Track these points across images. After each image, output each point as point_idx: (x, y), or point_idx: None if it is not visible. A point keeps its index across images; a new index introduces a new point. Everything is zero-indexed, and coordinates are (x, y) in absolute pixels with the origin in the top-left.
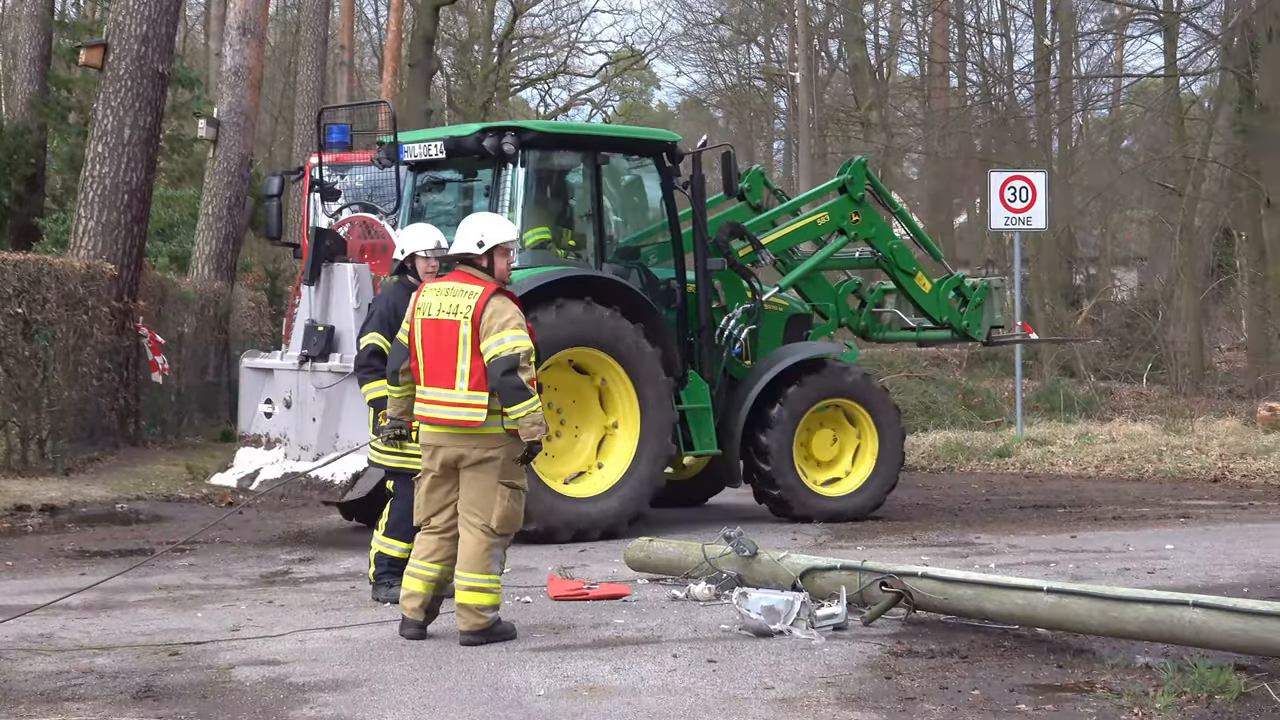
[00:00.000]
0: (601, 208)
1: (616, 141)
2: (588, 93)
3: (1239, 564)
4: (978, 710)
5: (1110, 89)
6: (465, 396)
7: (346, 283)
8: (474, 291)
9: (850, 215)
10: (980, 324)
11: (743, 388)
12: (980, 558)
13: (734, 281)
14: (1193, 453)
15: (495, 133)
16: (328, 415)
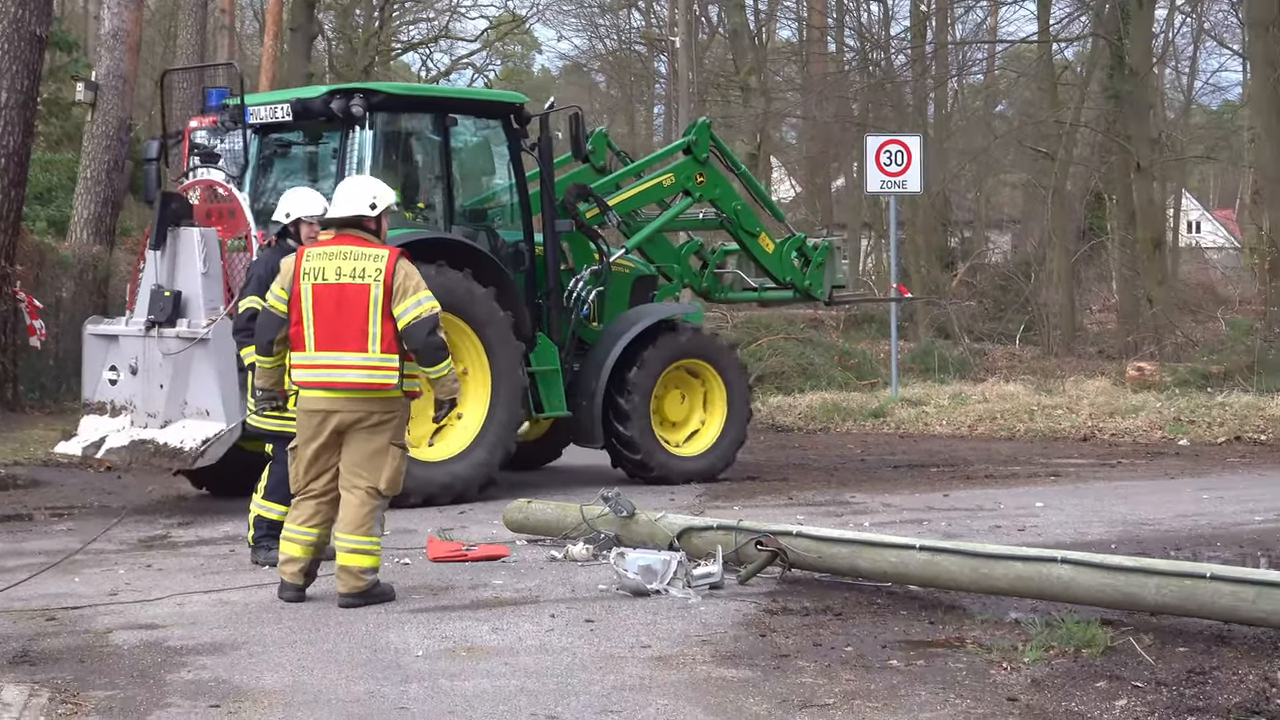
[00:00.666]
0: (450, 170)
1: (464, 103)
2: (469, 57)
3: (1107, 521)
4: (850, 666)
5: (985, 54)
6: (379, 359)
7: (193, 247)
8: (379, 255)
9: (695, 177)
10: (822, 283)
11: (600, 348)
12: (855, 516)
13: (581, 244)
14: (1063, 412)
15: (343, 95)
16: (175, 382)
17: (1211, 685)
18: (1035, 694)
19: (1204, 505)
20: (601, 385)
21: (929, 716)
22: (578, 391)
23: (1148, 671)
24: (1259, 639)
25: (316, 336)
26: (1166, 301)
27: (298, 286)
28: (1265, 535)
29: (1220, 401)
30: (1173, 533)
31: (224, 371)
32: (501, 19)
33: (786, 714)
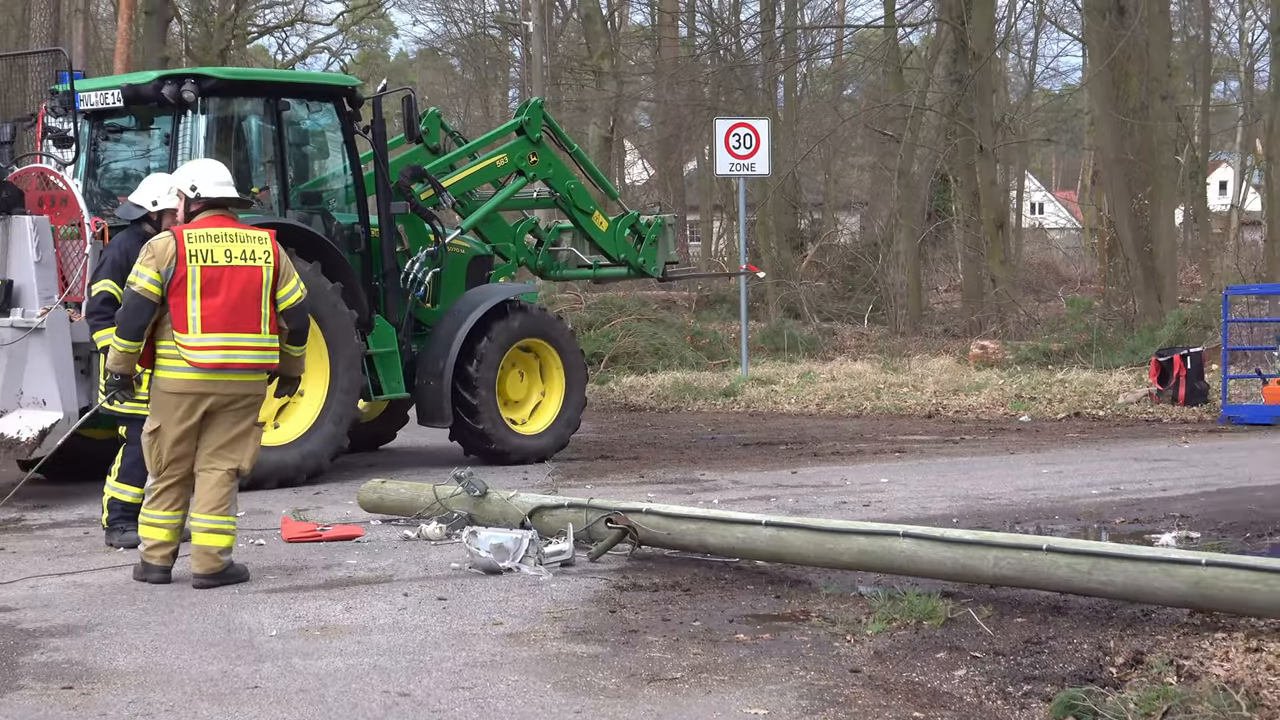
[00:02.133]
0: (284, 154)
1: (298, 87)
2: (325, 41)
3: (949, 496)
4: (698, 641)
5: (833, 39)
6: (268, 340)
7: (26, 235)
8: (261, 237)
9: (528, 156)
10: (655, 260)
11: (445, 328)
12: (705, 494)
13: (416, 225)
14: (909, 390)
15: (174, 80)
16: (10, 372)
17: (1047, 655)
18: (877, 665)
19: (1043, 480)
20: (450, 364)
21: (774, 689)
22: (423, 371)
23: (986, 642)
24: (1094, 609)
25: (206, 318)
26: (1009, 281)
27: (183, 269)
28: (1102, 508)
29: (1060, 378)
30: (1013, 506)
31: (60, 360)
32: (357, 3)
33: (635, 688)
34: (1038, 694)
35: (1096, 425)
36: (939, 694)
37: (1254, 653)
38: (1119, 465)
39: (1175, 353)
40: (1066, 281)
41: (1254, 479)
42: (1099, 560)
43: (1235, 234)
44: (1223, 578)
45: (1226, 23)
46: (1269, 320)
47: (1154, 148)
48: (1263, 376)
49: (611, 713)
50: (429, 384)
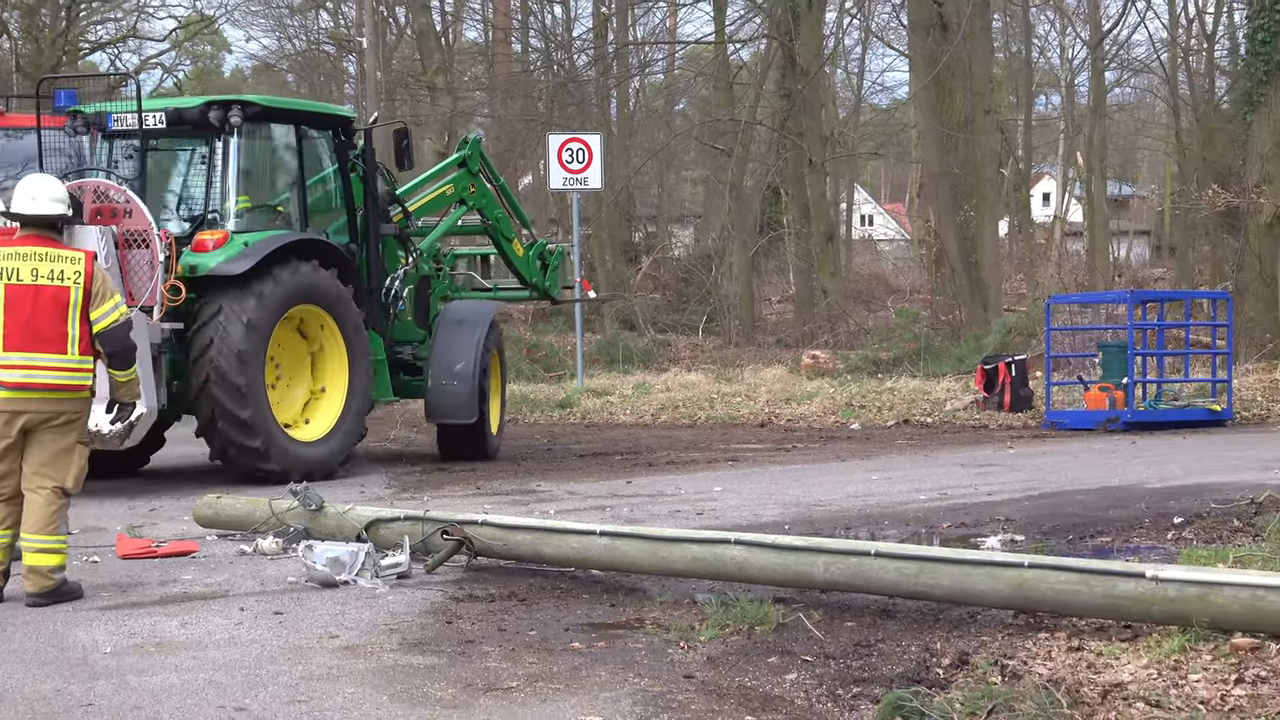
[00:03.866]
0: (305, 176)
1: (313, 116)
2: (158, 57)
3: (781, 503)
4: (534, 650)
5: (664, 55)
6: (77, 361)
7: (94, 244)
8: (76, 257)
9: (469, 187)
10: (557, 284)
11: (450, 335)
12: (540, 504)
13: (391, 246)
14: (742, 399)
15: (221, 106)
16: None
17: (876, 657)
18: (711, 671)
19: (873, 486)
20: (475, 366)
21: (609, 696)
22: (439, 374)
23: (817, 646)
24: (921, 612)
25: (7, 336)
26: (839, 292)
27: None
28: (929, 513)
29: (889, 386)
30: (843, 513)
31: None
32: (190, 20)
33: (471, 698)
34: (866, 696)
35: (925, 432)
36: (770, 698)
37: (1075, 652)
38: (946, 471)
39: (1000, 360)
40: (896, 292)
41: (1076, 483)
42: (926, 564)
43: (1058, 244)
44: (1045, 579)
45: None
46: (1090, 328)
47: (978, 161)
48: (1084, 383)
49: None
50: (450, 384)
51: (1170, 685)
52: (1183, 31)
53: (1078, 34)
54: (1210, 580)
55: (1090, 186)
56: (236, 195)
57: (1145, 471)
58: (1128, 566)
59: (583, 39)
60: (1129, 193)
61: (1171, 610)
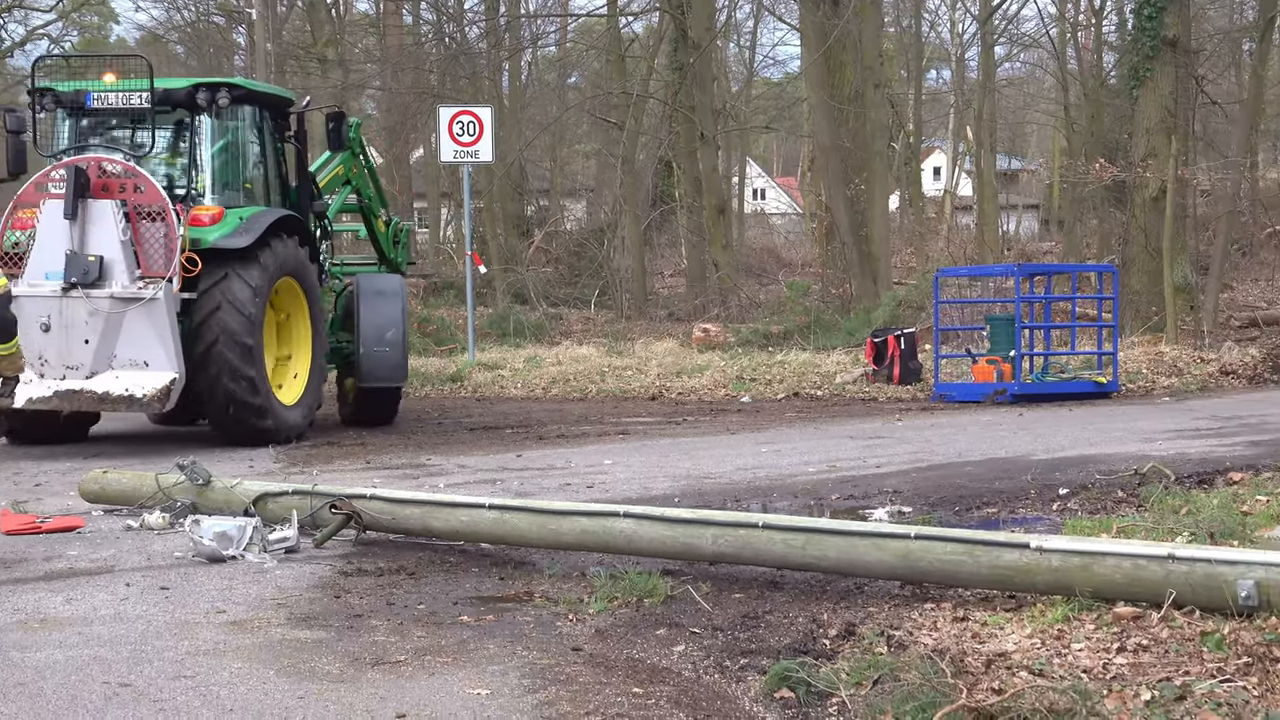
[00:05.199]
0: (276, 156)
1: (273, 98)
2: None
3: (671, 476)
4: (422, 623)
5: (556, 27)
6: None
7: (110, 216)
8: None
9: (354, 169)
10: (404, 259)
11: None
12: (430, 478)
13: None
14: (633, 373)
15: (209, 88)
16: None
17: (764, 629)
18: (599, 643)
19: (763, 458)
20: (403, 330)
21: (497, 669)
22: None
23: (705, 618)
24: (808, 583)
25: None
26: (731, 265)
27: None
28: (818, 485)
29: (780, 360)
30: (733, 485)
31: (170, 327)
32: None
33: (359, 672)
34: (754, 667)
35: (815, 405)
36: (658, 669)
37: (960, 622)
38: (836, 443)
39: (890, 333)
40: (787, 265)
41: (964, 455)
42: (813, 536)
43: (948, 218)
44: (931, 550)
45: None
46: (978, 301)
47: (868, 134)
48: (972, 355)
49: (335, 697)
50: (382, 350)
51: (1053, 654)
52: (1071, 7)
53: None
54: (1093, 550)
55: (980, 160)
56: (223, 173)
57: (1032, 443)
58: (1012, 537)
59: (474, 11)
60: (1018, 167)
61: (1055, 580)
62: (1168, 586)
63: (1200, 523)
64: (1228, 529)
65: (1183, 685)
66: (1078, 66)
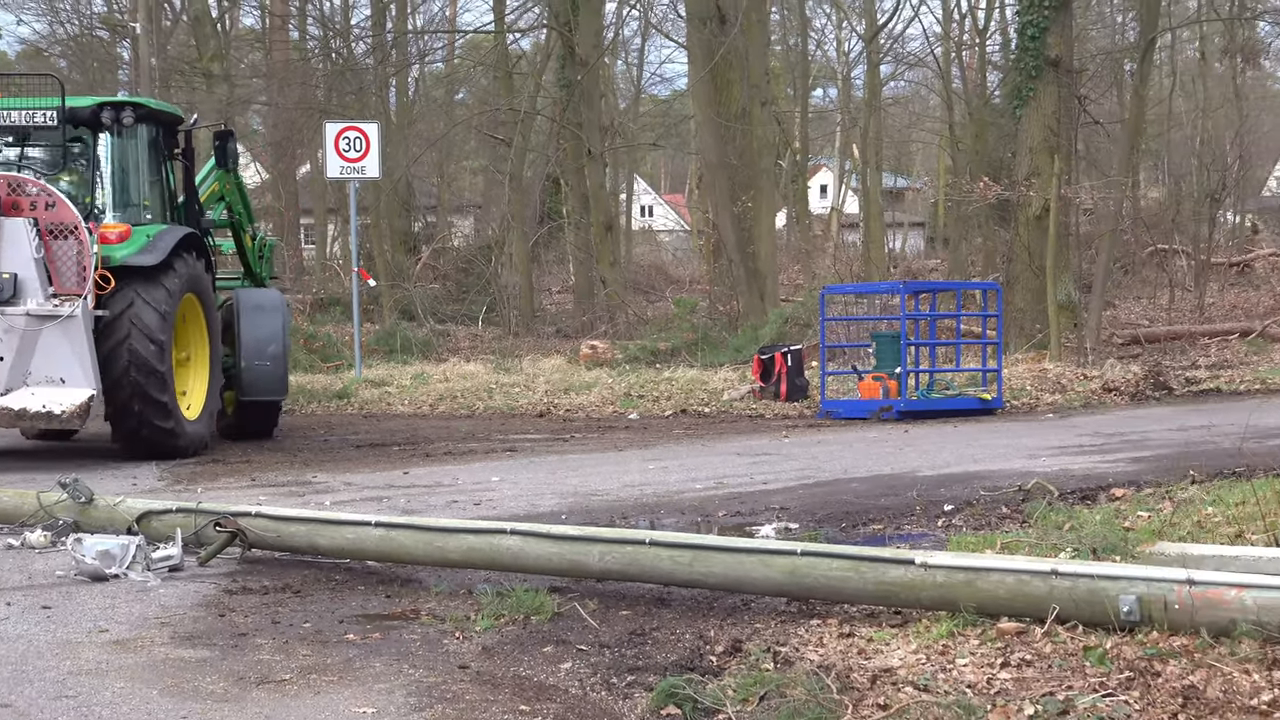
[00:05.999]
0: (168, 174)
1: (171, 116)
2: None
3: (559, 493)
4: (308, 642)
5: (444, 43)
6: None
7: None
8: None
9: (228, 185)
10: (269, 273)
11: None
12: (316, 496)
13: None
14: (521, 390)
15: (114, 107)
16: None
17: (651, 645)
18: (485, 661)
19: (650, 475)
20: (283, 345)
21: (383, 687)
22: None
23: (592, 635)
24: (695, 599)
25: None
26: (619, 282)
27: None
28: (705, 501)
29: (667, 376)
30: (620, 502)
31: (87, 343)
32: None
33: (243, 691)
34: (641, 684)
35: (702, 421)
36: (545, 687)
37: (846, 638)
38: (723, 460)
39: (777, 350)
40: (675, 282)
41: (850, 471)
42: (700, 552)
43: (835, 235)
44: (817, 567)
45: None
46: (865, 318)
47: (755, 152)
48: (858, 372)
49: (219, 716)
50: (263, 364)
51: (938, 670)
52: (956, 26)
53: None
54: (978, 566)
55: (866, 178)
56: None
57: (917, 460)
58: (898, 553)
59: (361, 27)
60: (904, 185)
61: (940, 596)
62: (1051, 602)
63: (1083, 538)
64: (1110, 545)
65: (1066, 700)
66: (962, 85)
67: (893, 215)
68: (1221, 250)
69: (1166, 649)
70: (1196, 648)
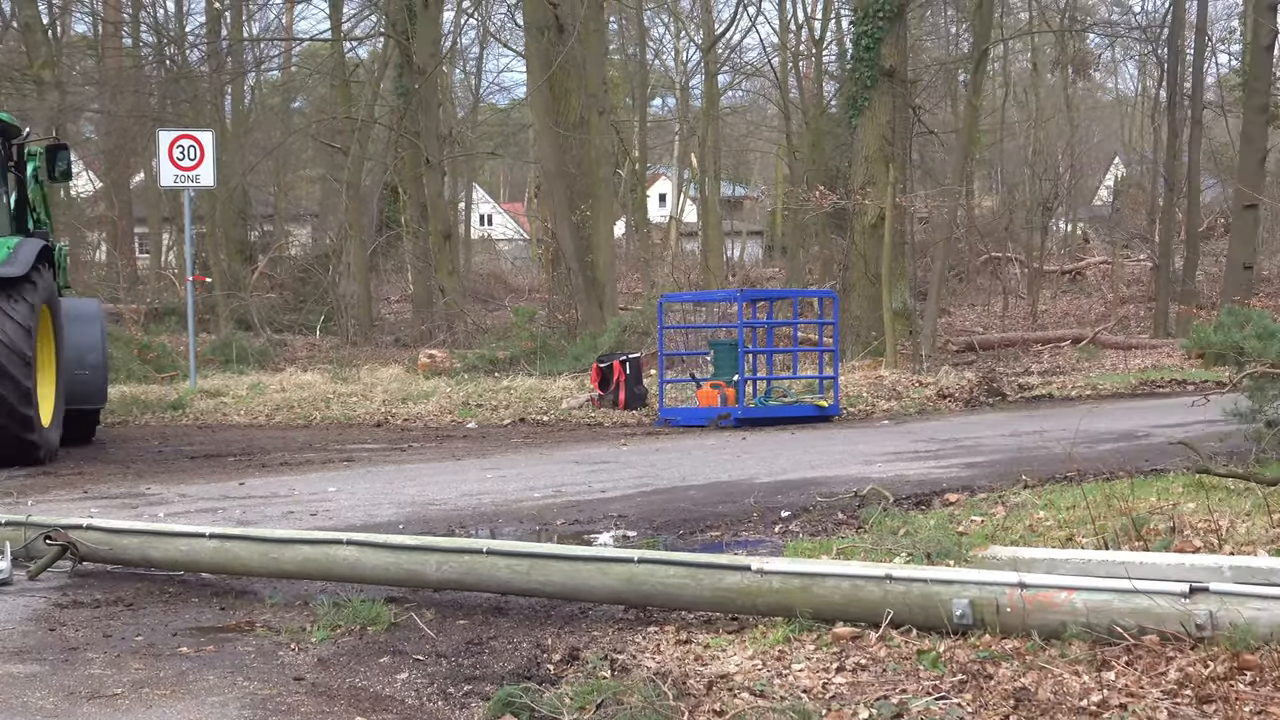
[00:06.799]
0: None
1: (10, 127)
2: None
3: (396, 502)
4: (140, 655)
5: (280, 51)
6: None
7: None
8: None
9: (39, 195)
10: (64, 281)
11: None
12: (150, 507)
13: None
14: (359, 399)
15: None
16: None
17: (488, 655)
18: (321, 672)
19: (489, 484)
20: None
21: (216, 700)
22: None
23: (429, 645)
24: (533, 608)
25: None
26: (457, 291)
27: None
28: (544, 510)
29: (506, 385)
30: (458, 511)
31: None
32: None
33: (74, 705)
34: (478, 693)
35: (541, 430)
36: (381, 698)
37: (684, 644)
38: (561, 468)
39: (615, 358)
40: (514, 291)
41: (688, 479)
42: (537, 561)
43: (674, 244)
44: (654, 574)
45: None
46: (703, 326)
47: (593, 161)
48: (696, 380)
49: None
50: (83, 373)
51: (774, 675)
52: (793, 37)
53: (691, 37)
54: (813, 572)
55: (704, 187)
56: None
57: (755, 467)
58: (734, 560)
59: (196, 34)
60: (742, 194)
61: (776, 602)
62: (885, 606)
63: (917, 543)
64: (944, 549)
65: (900, 703)
66: (799, 95)
67: (731, 224)
68: (1054, 258)
69: (999, 651)
70: (1028, 650)
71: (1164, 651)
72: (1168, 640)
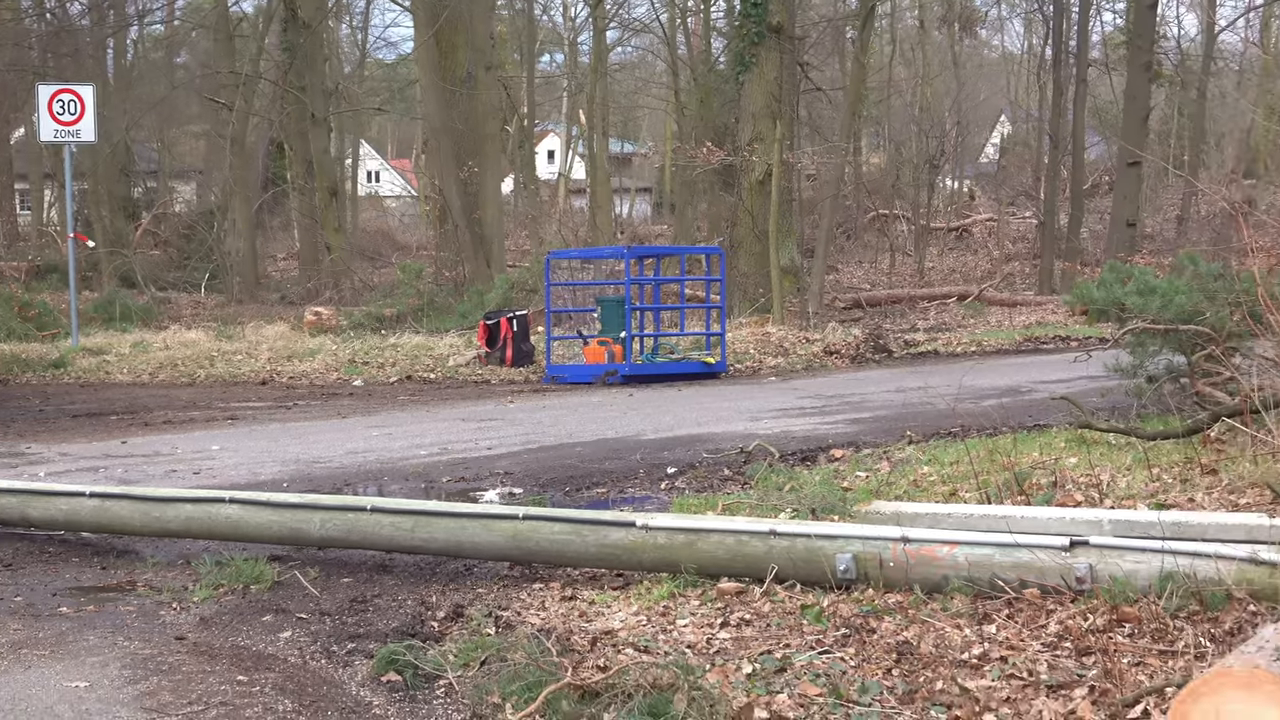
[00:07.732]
0: None
1: None
2: None
3: (281, 461)
4: (19, 616)
5: (163, 4)
6: None
7: None
8: None
9: None
10: None
11: None
12: (31, 467)
13: None
14: (244, 357)
15: None
16: None
17: (372, 612)
18: (203, 631)
19: (374, 442)
20: None
21: (97, 660)
22: None
23: (313, 603)
24: (418, 565)
25: None
26: (344, 248)
27: None
28: (429, 468)
29: (393, 343)
30: (343, 469)
31: None
32: None
33: None
34: (361, 651)
35: (427, 388)
36: (264, 656)
37: (568, 601)
38: (447, 426)
39: (502, 316)
40: (402, 248)
41: (574, 435)
42: (421, 518)
43: (562, 201)
44: (539, 530)
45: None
46: (590, 284)
47: (480, 117)
48: (584, 337)
49: None
50: None
51: (659, 631)
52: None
53: None
54: (698, 528)
55: (593, 144)
56: None
57: (642, 423)
58: (619, 516)
59: None
60: (631, 150)
61: (661, 558)
62: (770, 561)
63: (803, 499)
64: (829, 505)
65: (783, 658)
66: (688, 52)
67: (620, 181)
68: (940, 215)
69: (882, 606)
70: (910, 604)
71: (1044, 604)
72: (1048, 593)
